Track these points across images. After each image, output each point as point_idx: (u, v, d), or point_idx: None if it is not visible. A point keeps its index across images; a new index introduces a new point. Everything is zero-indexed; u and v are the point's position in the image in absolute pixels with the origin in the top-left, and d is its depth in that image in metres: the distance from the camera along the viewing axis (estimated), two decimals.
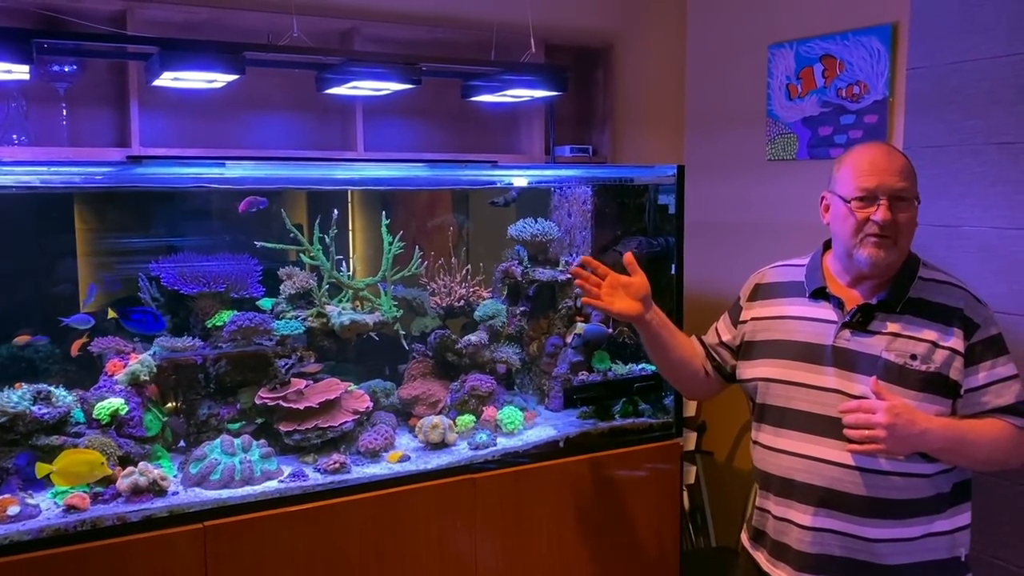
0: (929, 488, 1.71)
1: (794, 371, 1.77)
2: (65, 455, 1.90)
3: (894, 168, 1.70)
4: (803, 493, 1.74)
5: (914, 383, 1.68)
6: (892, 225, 1.68)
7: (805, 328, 1.79)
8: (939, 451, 1.66)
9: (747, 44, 3.13)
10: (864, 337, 1.73)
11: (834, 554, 1.73)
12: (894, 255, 1.70)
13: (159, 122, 2.55)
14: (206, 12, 2.50)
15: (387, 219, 2.43)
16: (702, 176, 3.19)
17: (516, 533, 2.24)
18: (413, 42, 2.86)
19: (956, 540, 1.75)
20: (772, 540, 1.83)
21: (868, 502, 1.69)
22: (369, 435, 2.22)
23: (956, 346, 1.69)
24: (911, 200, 1.70)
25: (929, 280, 1.76)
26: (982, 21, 2.25)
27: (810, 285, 1.82)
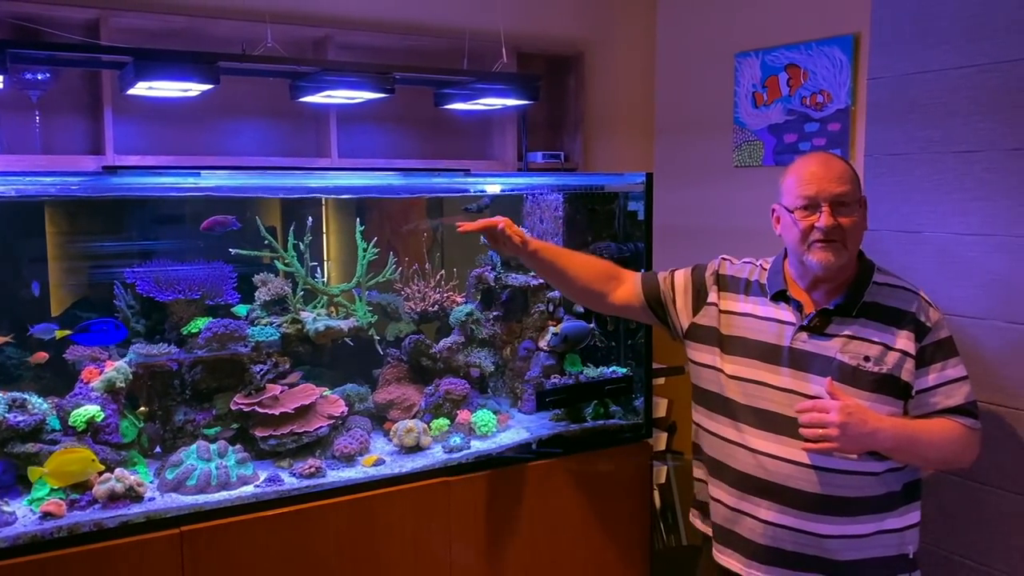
0: (880, 486, 1.77)
1: (754, 369, 1.84)
2: (56, 456, 1.91)
3: (833, 175, 1.76)
4: (759, 488, 1.80)
5: (867, 384, 1.74)
6: (837, 229, 1.75)
7: (766, 328, 1.85)
8: (891, 450, 1.72)
9: (714, 53, 3.19)
10: (820, 340, 1.79)
11: (785, 548, 1.79)
12: (844, 258, 1.77)
13: (133, 130, 2.56)
14: (180, 21, 2.52)
15: (361, 226, 2.46)
16: (671, 182, 3.25)
17: (490, 535, 2.28)
18: (386, 50, 2.90)
19: (905, 538, 1.82)
20: (720, 526, 1.89)
21: (821, 499, 1.75)
22: (344, 439, 2.24)
23: (907, 348, 1.76)
24: (853, 204, 1.77)
25: (883, 284, 1.83)
26: (939, 33, 2.33)
27: (772, 287, 1.89)
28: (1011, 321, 2.20)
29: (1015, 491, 2.22)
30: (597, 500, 2.44)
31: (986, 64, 2.23)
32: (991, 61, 2.21)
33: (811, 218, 1.76)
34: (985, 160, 2.24)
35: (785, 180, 1.83)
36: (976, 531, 2.30)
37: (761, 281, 1.93)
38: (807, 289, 1.85)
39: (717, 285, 1.98)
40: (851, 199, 1.77)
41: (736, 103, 3.11)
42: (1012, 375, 2.20)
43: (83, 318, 2.18)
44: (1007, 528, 2.23)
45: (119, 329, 2.18)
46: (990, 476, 2.27)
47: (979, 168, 2.25)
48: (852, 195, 1.77)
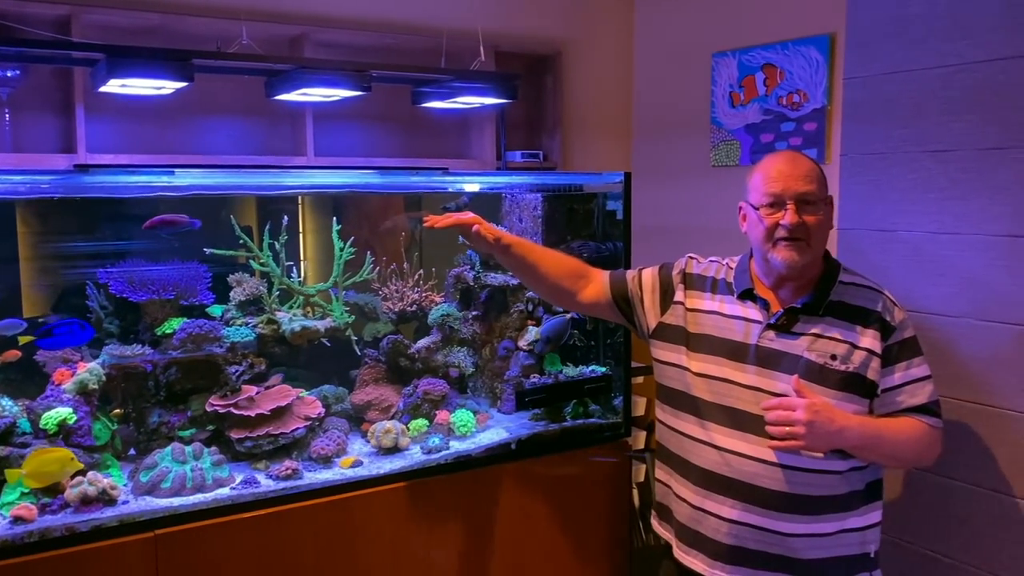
0: (843, 485, 1.78)
1: (721, 367, 1.84)
2: (33, 456, 1.88)
3: (799, 173, 1.77)
4: (724, 486, 1.80)
5: (833, 382, 1.75)
6: (801, 227, 1.75)
7: (733, 326, 1.86)
8: (856, 448, 1.73)
9: (692, 52, 3.20)
10: (787, 338, 1.80)
11: (749, 547, 1.79)
12: (808, 256, 1.78)
13: (105, 128, 2.53)
14: (153, 18, 2.49)
15: (338, 225, 2.44)
16: (649, 181, 3.25)
17: (469, 535, 2.27)
18: (363, 48, 2.88)
19: (867, 537, 1.83)
20: (685, 527, 1.90)
21: (786, 498, 1.76)
22: (321, 441, 2.23)
23: (873, 347, 1.77)
24: (818, 202, 1.78)
25: (849, 284, 1.84)
26: (912, 34, 2.35)
27: (738, 286, 1.89)
28: (985, 319, 2.22)
29: (987, 487, 2.24)
30: (577, 499, 2.44)
31: (960, 64, 2.25)
32: (965, 61, 2.24)
33: (776, 216, 1.77)
34: (959, 159, 2.26)
35: (752, 178, 1.84)
36: (950, 527, 2.32)
37: (728, 279, 1.93)
38: (772, 287, 1.86)
39: (684, 284, 1.98)
40: (817, 198, 1.77)
41: (713, 103, 3.12)
42: (985, 373, 2.22)
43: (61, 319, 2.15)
44: (980, 524, 2.25)
45: (84, 330, 2.14)
46: (963, 472, 2.29)
47: (953, 167, 2.28)
48: (818, 194, 1.78)
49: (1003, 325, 2.18)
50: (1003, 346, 2.18)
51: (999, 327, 2.19)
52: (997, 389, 2.20)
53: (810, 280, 1.84)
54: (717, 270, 1.97)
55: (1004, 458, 2.19)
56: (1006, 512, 2.19)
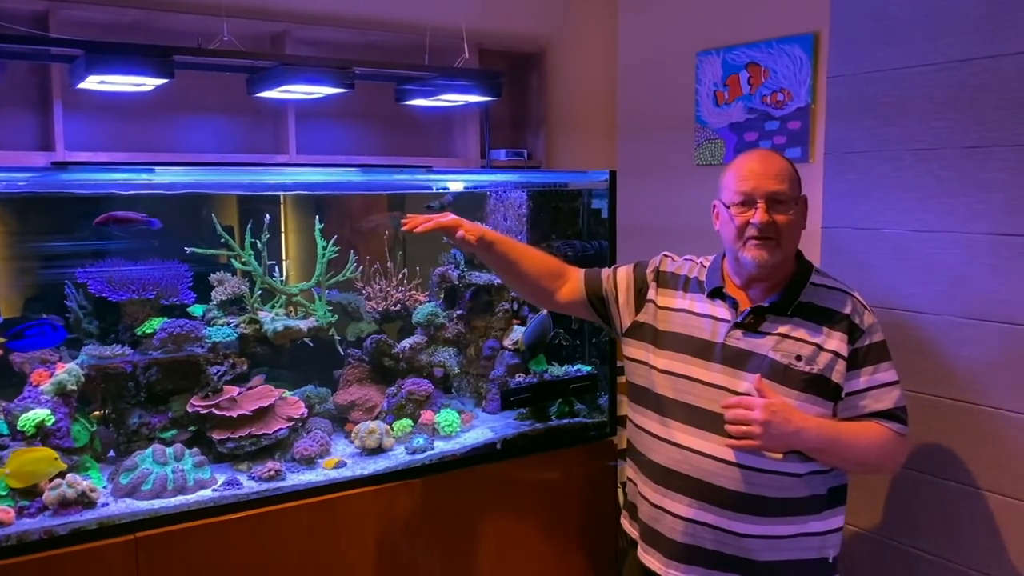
0: (803, 488, 1.76)
1: (687, 365, 1.84)
2: (15, 455, 1.85)
3: (770, 172, 1.77)
4: (681, 484, 1.80)
5: (797, 383, 1.74)
6: (771, 226, 1.75)
7: (701, 324, 1.86)
8: (814, 451, 1.72)
9: (676, 51, 3.20)
10: (754, 337, 1.80)
11: (705, 547, 1.79)
12: (778, 256, 1.77)
13: (84, 125, 2.49)
14: (132, 14, 2.46)
15: (321, 223, 2.42)
16: (633, 180, 3.25)
17: (454, 536, 2.25)
18: (345, 45, 2.86)
19: (827, 541, 1.81)
20: (644, 524, 1.90)
21: (743, 498, 1.75)
22: (304, 442, 2.20)
23: (840, 350, 1.76)
24: (790, 202, 1.77)
25: (820, 286, 1.84)
26: (896, 33, 2.36)
27: (709, 284, 1.89)
28: (969, 317, 2.23)
29: (966, 483, 2.25)
30: (562, 499, 2.43)
31: (943, 63, 2.26)
32: (947, 60, 2.25)
33: (747, 214, 1.77)
34: (942, 158, 2.27)
35: (725, 176, 1.84)
36: (937, 525, 2.33)
37: (700, 278, 1.93)
38: (743, 286, 1.85)
39: (656, 282, 1.98)
40: (788, 197, 1.77)
41: (697, 101, 3.12)
42: (970, 371, 2.23)
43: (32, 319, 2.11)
44: (968, 522, 2.26)
45: (56, 331, 2.10)
46: (944, 469, 2.30)
47: (936, 166, 2.29)
48: (789, 193, 1.77)
49: (987, 323, 2.19)
50: (987, 344, 2.19)
51: (984, 325, 2.20)
52: (982, 387, 2.21)
53: (781, 280, 1.83)
54: (690, 268, 1.97)
55: (990, 456, 2.20)
56: (994, 510, 2.20)
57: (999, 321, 2.17)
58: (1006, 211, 2.14)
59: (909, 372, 2.34)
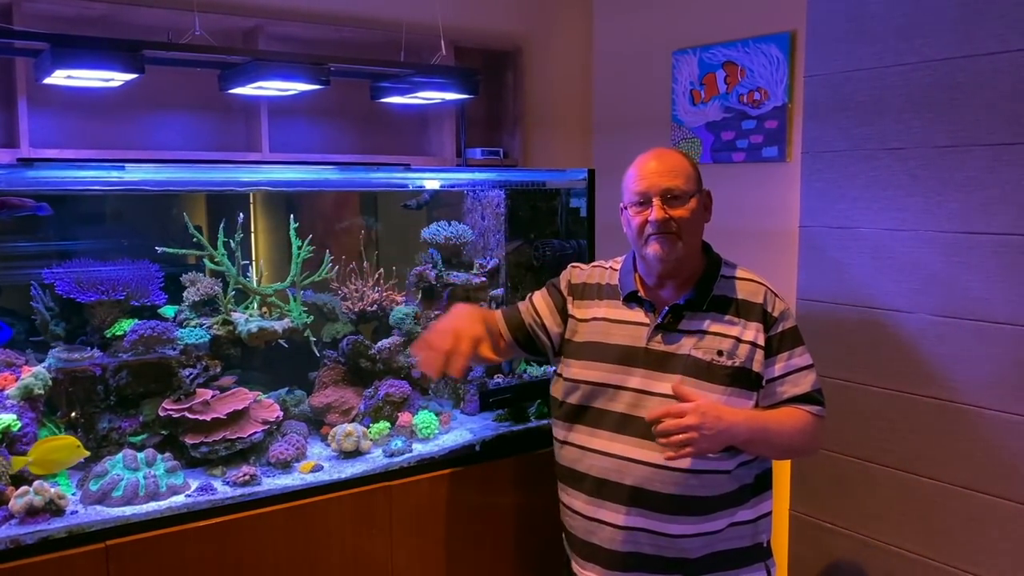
0: (733, 482, 1.79)
1: (610, 374, 1.83)
2: (39, 444, 1.88)
3: (663, 170, 1.79)
4: (615, 493, 1.80)
5: (721, 378, 1.76)
6: (668, 222, 1.76)
7: (621, 331, 1.86)
8: (745, 443, 1.73)
9: (652, 50, 3.20)
10: (674, 337, 1.80)
11: (644, 552, 1.79)
12: (679, 250, 1.78)
13: (50, 122, 2.43)
14: (99, 7, 2.39)
15: (295, 223, 2.38)
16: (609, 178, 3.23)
17: (433, 539, 2.23)
18: (319, 41, 2.81)
19: (759, 527, 1.85)
20: (580, 541, 1.88)
21: (677, 500, 1.76)
22: (280, 445, 2.16)
23: (757, 340, 1.78)
24: (686, 197, 1.78)
25: (730, 278, 1.86)
26: (872, 32, 2.37)
27: (624, 289, 1.90)
28: (943, 315, 2.25)
29: (945, 481, 2.27)
30: (542, 500, 2.40)
31: (918, 63, 2.27)
32: (923, 60, 2.26)
33: (644, 213, 1.79)
34: (918, 157, 2.29)
35: (624, 179, 1.86)
36: (911, 522, 2.35)
37: (612, 283, 1.93)
38: (656, 286, 1.86)
39: (572, 295, 1.98)
40: (683, 192, 1.78)
41: (674, 100, 3.12)
42: (948, 369, 2.25)
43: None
44: (941, 517, 2.28)
45: (3, 330, 2.06)
46: (922, 467, 2.32)
47: (913, 165, 2.30)
48: (685, 188, 1.79)
49: (964, 321, 2.21)
50: (964, 342, 2.21)
51: (960, 323, 2.21)
52: (959, 385, 2.23)
53: (691, 276, 1.85)
54: (601, 275, 1.97)
55: (967, 454, 2.22)
56: (973, 507, 2.22)
57: (975, 319, 2.18)
58: (982, 210, 2.16)
59: (886, 370, 2.36)
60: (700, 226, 1.83)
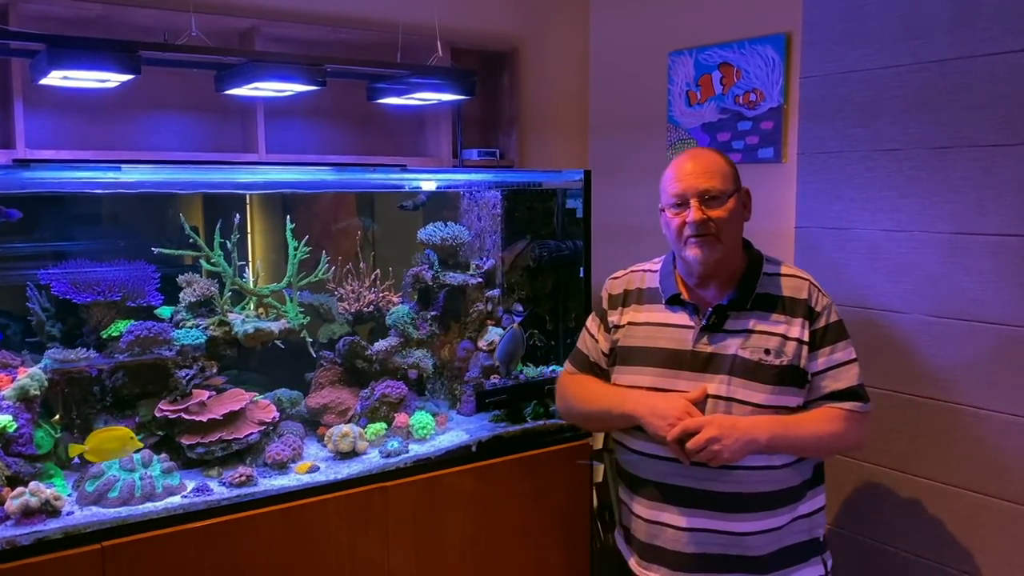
0: (794, 476, 1.80)
1: (661, 378, 1.83)
2: (96, 434, 1.98)
3: (699, 171, 1.79)
4: (677, 496, 1.80)
5: (769, 377, 1.76)
6: (706, 223, 1.76)
7: (666, 335, 1.86)
8: (767, 447, 1.73)
9: (648, 51, 3.20)
10: (720, 338, 1.80)
11: (710, 551, 1.79)
12: (719, 251, 1.78)
13: (46, 123, 2.42)
14: (95, 8, 2.39)
15: (292, 223, 2.38)
16: (605, 179, 3.24)
17: (430, 540, 2.23)
18: (315, 42, 2.81)
19: (815, 521, 1.86)
20: (642, 543, 1.88)
21: (740, 498, 1.76)
22: (276, 446, 2.16)
23: (802, 336, 1.78)
24: (723, 197, 1.78)
25: (773, 274, 1.86)
26: (868, 34, 2.37)
27: (665, 292, 1.89)
28: (938, 315, 2.26)
29: (941, 481, 2.27)
30: (538, 501, 2.41)
31: (913, 64, 2.28)
32: (918, 61, 2.27)
33: (682, 215, 1.79)
34: (913, 158, 2.29)
35: (661, 181, 1.86)
36: (907, 521, 2.35)
37: (653, 287, 1.93)
38: (698, 287, 1.86)
39: (612, 307, 1.98)
40: (720, 192, 1.78)
41: (670, 101, 3.12)
42: (943, 370, 2.25)
43: None
44: (936, 517, 2.29)
45: None
46: (918, 467, 2.32)
47: (908, 166, 2.30)
48: (722, 188, 1.78)
49: (959, 321, 2.21)
50: (960, 343, 2.21)
51: (955, 323, 2.22)
52: (954, 385, 2.23)
53: (733, 275, 1.84)
54: (641, 279, 1.97)
55: (963, 454, 2.22)
56: (969, 507, 2.22)
57: (970, 320, 2.19)
58: (977, 211, 2.16)
59: (882, 370, 2.36)
60: (739, 225, 1.83)
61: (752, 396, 1.75)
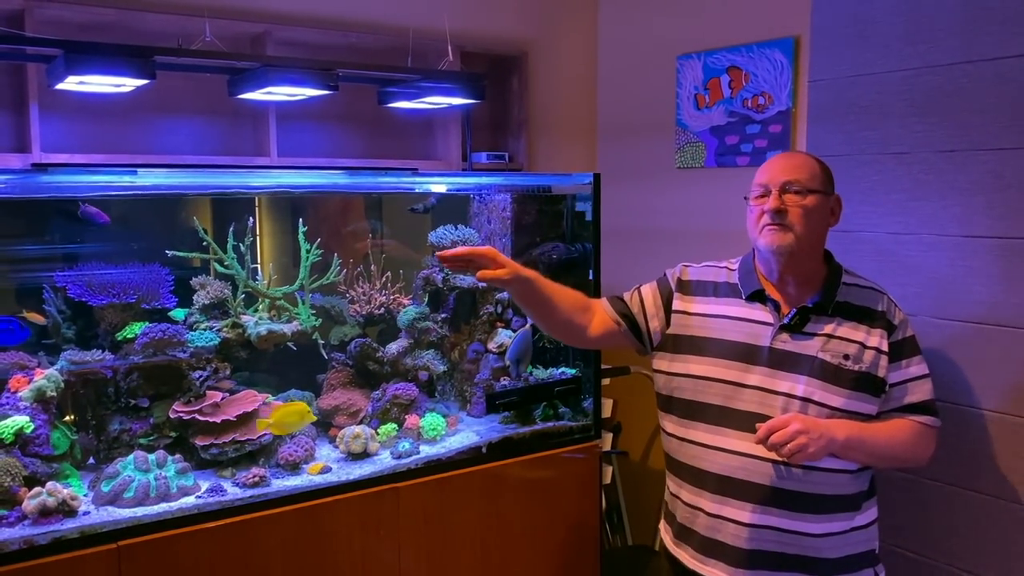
0: (854, 484, 1.81)
1: (732, 371, 1.83)
2: (278, 409, 2.17)
3: (788, 165, 1.83)
4: (743, 491, 1.80)
5: (847, 382, 1.77)
6: (782, 212, 1.78)
7: (742, 329, 1.86)
8: (843, 449, 1.74)
9: (656, 55, 3.22)
10: (801, 339, 1.81)
11: (768, 549, 1.79)
12: (790, 239, 1.79)
13: (61, 127, 2.45)
14: (110, 13, 2.41)
15: (304, 226, 2.40)
16: (614, 183, 3.25)
17: (440, 541, 2.24)
18: (327, 47, 2.83)
19: (871, 533, 1.87)
20: (702, 537, 1.87)
21: (803, 497, 1.77)
22: (289, 447, 2.18)
23: (881, 346, 1.80)
24: (803, 191, 1.79)
25: (852, 285, 1.88)
26: (876, 37, 2.38)
27: (746, 288, 1.89)
28: (946, 318, 2.26)
29: (947, 482, 2.28)
30: (547, 502, 2.43)
31: (921, 67, 2.29)
32: (926, 64, 2.27)
33: (762, 202, 1.82)
34: (922, 161, 2.30)
35: None
36: (912, 522, 2.36)
37: (731, 282, 1.93)
38: (778, 283, 1.87)
39: (681, 291, 1.97)
40: (802, 186, 1.80)
41: (678, 105, 3.13)
42: (950, 372, 2.26)
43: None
44: (942, 518, 2.29)
45: (23, 329, 2.09)
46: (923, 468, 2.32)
47: (916, 169, 2.31)
48: (806, 183, 1.80)
49: (966, 324, 2.22)
50: (968, 345, 2.22)
51: (964, 326, 2.23)
52: (962, 387, 2.24)
53: (812, 278, 1.86)
54: (716, 274, 1.97)
55: (970, 455, 2.23)
56: (975, 508, 2.23)
57: (978, 322, 2.20)
58: (985, 214, 2.17)
59: None
60: (818, 224, 1.82)
61: (830, 399, 1.76)
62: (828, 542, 1.80)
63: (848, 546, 1.82)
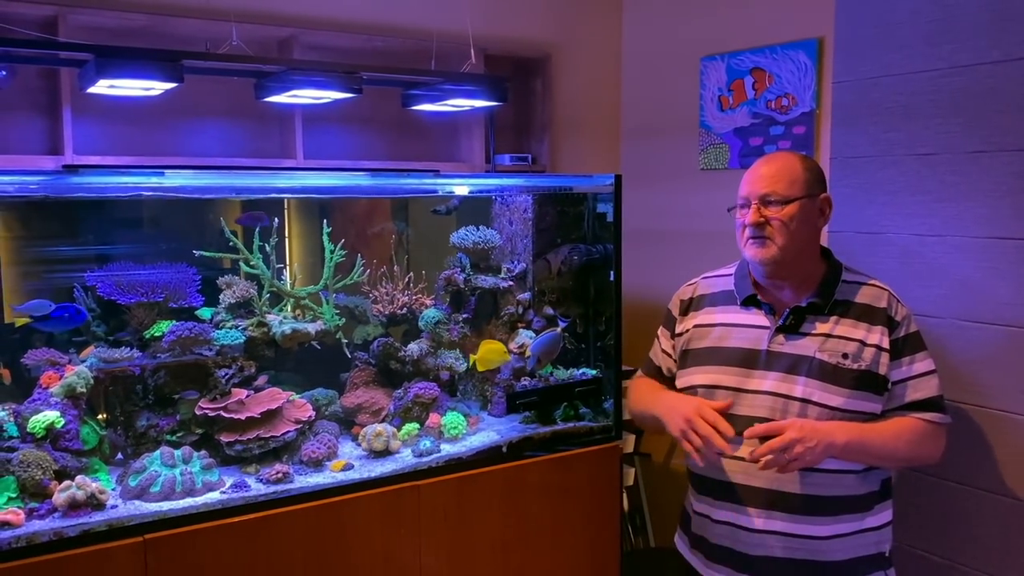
0: (862, 485, 1.80)
1: (732, 377, 1.84)
2: (483, 345, 2.47)
3: (766, 175, 1.82)
4: (746, 496, 1.80)
5: (847, 381, 1.76)
6: (761, 225, 1.79)
7: (740, 334, 1.86)
8: (843, 451, 1.73)
9: (680, 56, 3.22)
10: (797, 340, 1.81)
11: (776, 555, 1.79)
12: (772, 251, 1.80)
13: (93, 129, 2.50)
14: (140, 19, 2.46)
15: (328, 227, 2.43)
16: (637, 184, 3.26)
17: (461, 539, 2.26)
18: (352, 51, 2.87)
19: (882, 536, 1.85)
20: (711, 544, 1.88)
21: (809, 500, 1.77)
22: (312, 444, 2.21)
23: (882, 343, 1.79)
24: (782, 201, 1.79)
25: (852, 282, 1.87)
26: (900, 38, 2.37)
27: (740, 293, 1.90)
28: (971, 320, 2.24)
29: (971, 485, 2.26)
30: (568, 502, 2.43)
31: (946, 68, 2.27)
32: (951, 65, 2.26)
33: (743, 215, 1.84)
34: (946, 162, 2.28)
35: None
36: (936, 526, 2.34)
37: (727, 289, 1.94)
38: (773, 289, 1.87)
39: (682, 313, 2.00)
40: (781, 197, 1.79)
41: (702, 106, 3.13)
42: (977, 374, 2.24)
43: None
44: (973, 523, 2.27)
45: (80, 314, 2.15)
46: (948, 471, 2.30)
47: (941, 170, 2.29)
48: (784, 193, 1.80)
49: (993, 326, 2.20)
50: (994, 347, 2.20)
51: (989, 328, 2.21)
52: (988, 390, 2.22)
53: (808, 279, 1.85)
54: (713, 284, 1.99)
55: (997, 459, 2.21)
56: (1000, 512, 2.21)
57: (1004, 324, 2.18)
58: (1011, 215, 2.15)
59: None
60: (802, 230, 1.81)
61: (830, 399, 1.76)
62: (835, 544, 1.78)
63: (856, 548, 1.81)
